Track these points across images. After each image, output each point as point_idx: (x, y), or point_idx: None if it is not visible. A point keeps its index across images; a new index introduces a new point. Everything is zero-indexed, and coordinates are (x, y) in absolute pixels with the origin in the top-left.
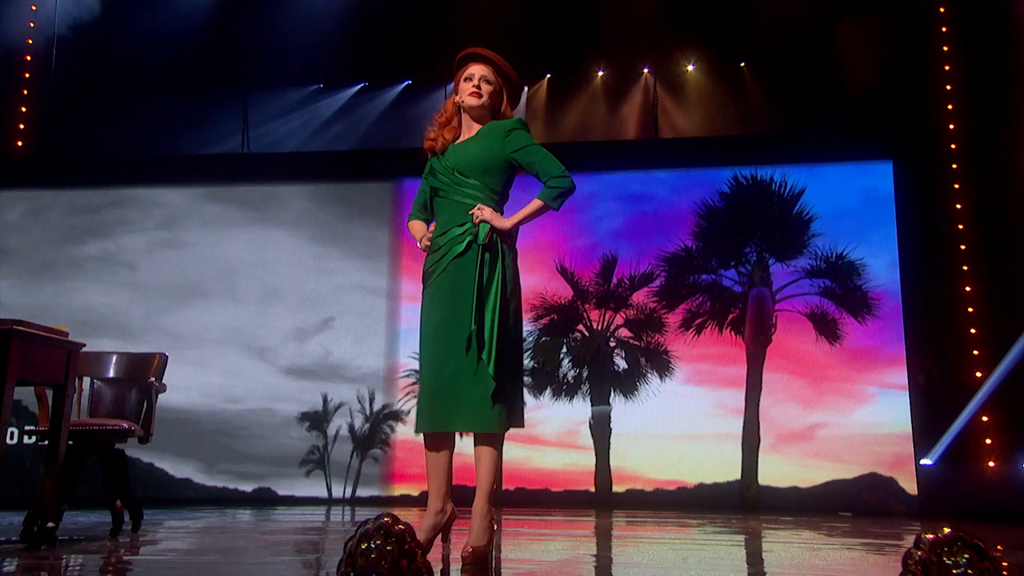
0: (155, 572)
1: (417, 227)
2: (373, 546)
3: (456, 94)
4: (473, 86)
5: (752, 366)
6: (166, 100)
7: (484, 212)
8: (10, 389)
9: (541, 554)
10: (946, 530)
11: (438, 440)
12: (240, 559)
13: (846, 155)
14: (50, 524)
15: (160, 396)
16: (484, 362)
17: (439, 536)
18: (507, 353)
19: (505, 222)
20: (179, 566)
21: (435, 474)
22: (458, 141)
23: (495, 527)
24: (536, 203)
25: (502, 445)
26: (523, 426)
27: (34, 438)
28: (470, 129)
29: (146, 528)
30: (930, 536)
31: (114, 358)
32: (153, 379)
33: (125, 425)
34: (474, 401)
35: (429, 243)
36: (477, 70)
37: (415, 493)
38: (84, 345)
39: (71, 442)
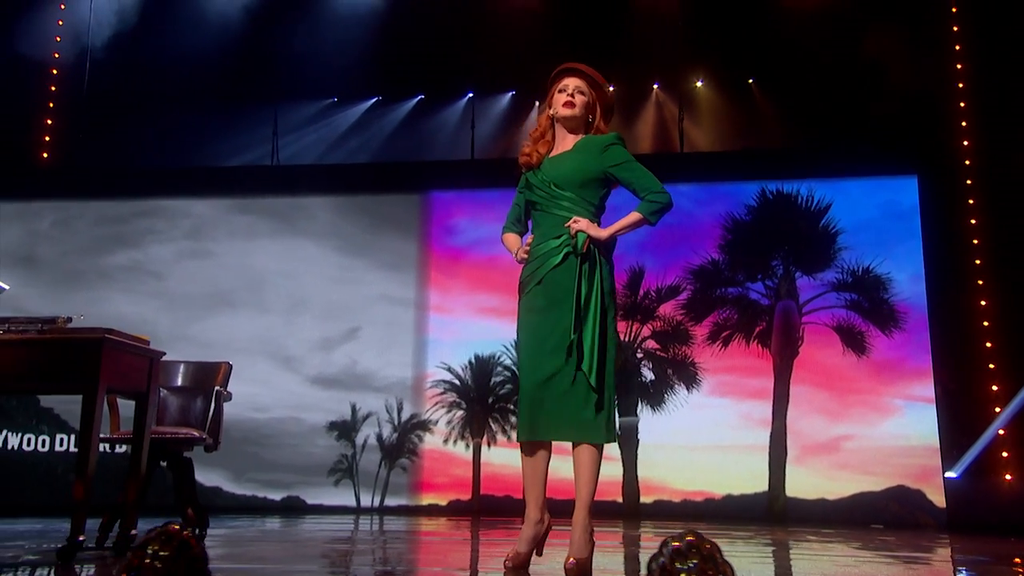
0: None
1: (512, 239)
2: (691, 565)
3: (550, 107)
4: (567, 96)
5: (779, 378)
6: (192, 113)
7: (580, 222)
8: (101, 397)
9: (623, 565)
10: None
11: (537, 449)
12: (336, 569)
13: (871, 170)
14: (133, 532)
15: None
16: (585, 372)
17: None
18: (608, 363)
19: (602, 232)
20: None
21: (533, 483)
22: (552, 154)
23: (594, 538)
24: (635, 215)
25: (602, 456)
26: (616, 440)
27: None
28: (564, 142)
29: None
30: None
31: (181, 367)
32: (221, 387)
33: (196, 433)
34: (578, 411)
35: (525, 255)
36: (571, 82)
37: (443, 503)
38: (164, 354)
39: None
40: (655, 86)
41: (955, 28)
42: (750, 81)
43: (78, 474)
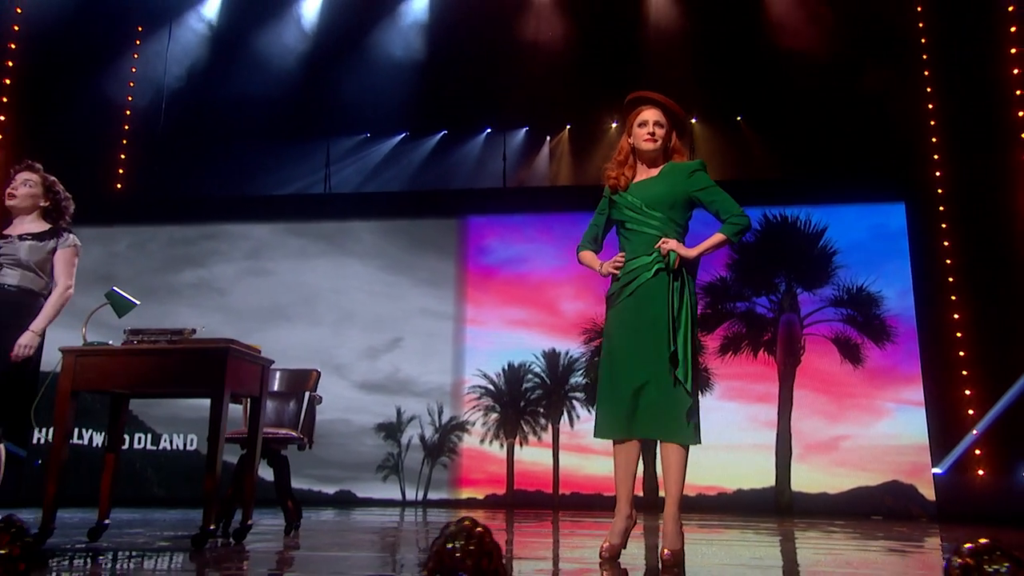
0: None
1: (589, 256)
2: (1004, 568)
3: (629, 136)
4: (647, 132)
5: (783, 384)
6: (251, 148)
7: (670, 242)
8: (227, 400)
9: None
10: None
11: (631, 448)
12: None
13: (863, 197)
14: (249, 522)
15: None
16: (681, 379)
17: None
18: (696, 371)
19: (690, 252)
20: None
21: (625, 481)
22: (637, 179)
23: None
24: (718, 236)
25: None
26: (700, 443)
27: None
28: (645, 169)
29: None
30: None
31: (277, 373)
32: (312, 392)
33: (294, 434)
34: (672, 415)
35: (614, 270)
36: (650, 115)
37: (480, 496)
38: (273, 362)
39: (244, 449)
40: None
41: (926, 72)
42: (738, 118)
43: (208, 469)
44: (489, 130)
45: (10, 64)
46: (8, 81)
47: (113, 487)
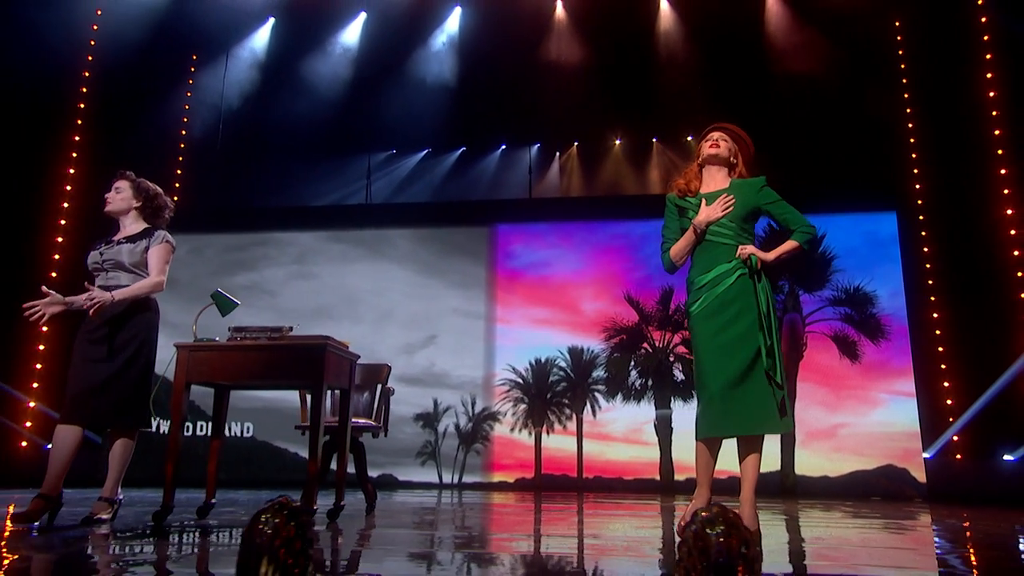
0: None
1: (678, 242)
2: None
3: (698, 157)
4: (712, 142)
5: (787, 377)
6: (296, 162)
7: (748, 248)
8: (326, 391)
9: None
10: None
11: (713, 444)
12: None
13: (858, 207)
14: (342, 503)
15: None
16: (772, 376)
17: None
18: (782, 364)
19: (767, 256)
20: (472, 539)
21: (707, 470)
22: (704, 190)
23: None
24: (792, 244)
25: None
26: (794, 428)
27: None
28: (714, 182)
29: (359, 505)
30: None
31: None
32: (384, 384)
33: (372, 423)
34: (765, 407)
35: (720, 211)
36: (715, 133)
37: (510, 480)
38: (359, 357)
39: (327, 436)
40: (654, 140)
41: (906, 95)
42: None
43: (311, 456)
44: (504, 146)
45: (84, 90)
46: (82, 105)
47: (218, 471)
